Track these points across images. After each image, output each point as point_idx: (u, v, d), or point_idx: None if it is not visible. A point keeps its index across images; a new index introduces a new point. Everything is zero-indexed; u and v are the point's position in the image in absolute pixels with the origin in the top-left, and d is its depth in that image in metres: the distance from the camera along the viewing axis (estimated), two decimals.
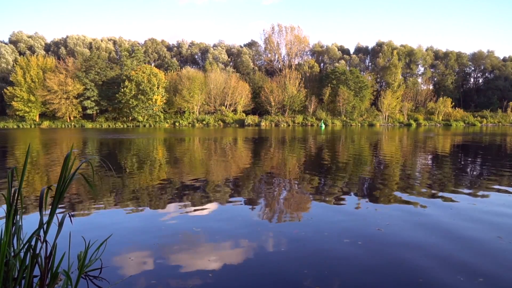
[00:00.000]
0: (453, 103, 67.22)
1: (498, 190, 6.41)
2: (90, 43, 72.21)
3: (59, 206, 2.67)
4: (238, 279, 2.93)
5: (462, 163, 10.95)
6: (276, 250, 3.53)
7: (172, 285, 2.82)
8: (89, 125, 57.64)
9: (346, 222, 4.50)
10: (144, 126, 56.72)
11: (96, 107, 60.33)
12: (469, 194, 6.11)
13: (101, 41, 73.99)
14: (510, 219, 4.61)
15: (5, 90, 57.71)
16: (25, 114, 57.86)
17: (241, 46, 78.47)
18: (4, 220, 2.26)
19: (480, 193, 6.18)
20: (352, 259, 3.30)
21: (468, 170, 9.47)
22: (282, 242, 3.74)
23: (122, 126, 56.82)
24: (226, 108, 63.65)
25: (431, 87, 74.48)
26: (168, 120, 59.93)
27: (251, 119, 59.92)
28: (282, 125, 57.69)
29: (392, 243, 3.71)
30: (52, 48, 71.86)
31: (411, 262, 3.23)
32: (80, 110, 60.19)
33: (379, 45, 75.67)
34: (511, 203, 5.46)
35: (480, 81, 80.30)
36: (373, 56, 76.78)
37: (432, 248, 3.54)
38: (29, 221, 4.46)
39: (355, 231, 4.11)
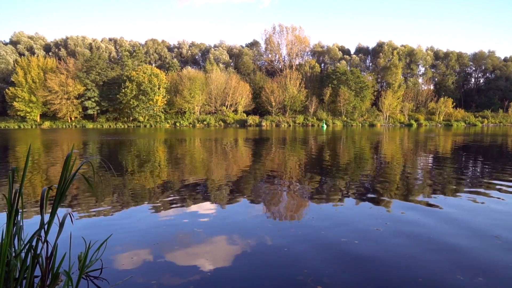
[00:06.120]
0: (454, 103, 67.20)
1: (500, 191, 6.40)
2: (90, 44, 72.29)
3: (60, 206, 2.68)
4: (238, 279, 2.93)
5: (463, 163, 10.93)
6: (277, 250, 3.53)
7: (172, 285, 2.82)
8: (89, 125, 57.73)
9: (345, 222, 4.49)
10: (145, 126, 56.75)
11: (97, 108, 60.42)
12: (469, 193, 6.11)
13: (101, 41, 74.09)
14: (508, 218, 4.61)
15: (6, 90, 57.85)
16: (26, 115, 58.01)
17: (242, 47, 78.51)
18: (5, 221, 2.26)
19: (482, 192, 6.17)
20: (351, 258, 3.30)
21: (468, 170, 9.45)
22: (282, 242, 3.74)
23: (122, 126, 56.86)
24: (226, 108, 63.66)
25: (431, 87, 74.49)
26: (168, 121, 59.96)
27: (251, 119, 59.94)
28: (283, 126, 57.68)
29: (390, 243, 3.71)
30: (53, 49, 71.95)
31: (410, 260, 3.22)
32: (81, 110, 60.31)
33: (380, 45, 75.71)
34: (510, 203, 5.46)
35: (481, 81, 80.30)
36: (373, 56, 76.82)
37: (431, 247, 3.53)
38: (30, 222, 4.48)
39: (354, 231, 4.10)
